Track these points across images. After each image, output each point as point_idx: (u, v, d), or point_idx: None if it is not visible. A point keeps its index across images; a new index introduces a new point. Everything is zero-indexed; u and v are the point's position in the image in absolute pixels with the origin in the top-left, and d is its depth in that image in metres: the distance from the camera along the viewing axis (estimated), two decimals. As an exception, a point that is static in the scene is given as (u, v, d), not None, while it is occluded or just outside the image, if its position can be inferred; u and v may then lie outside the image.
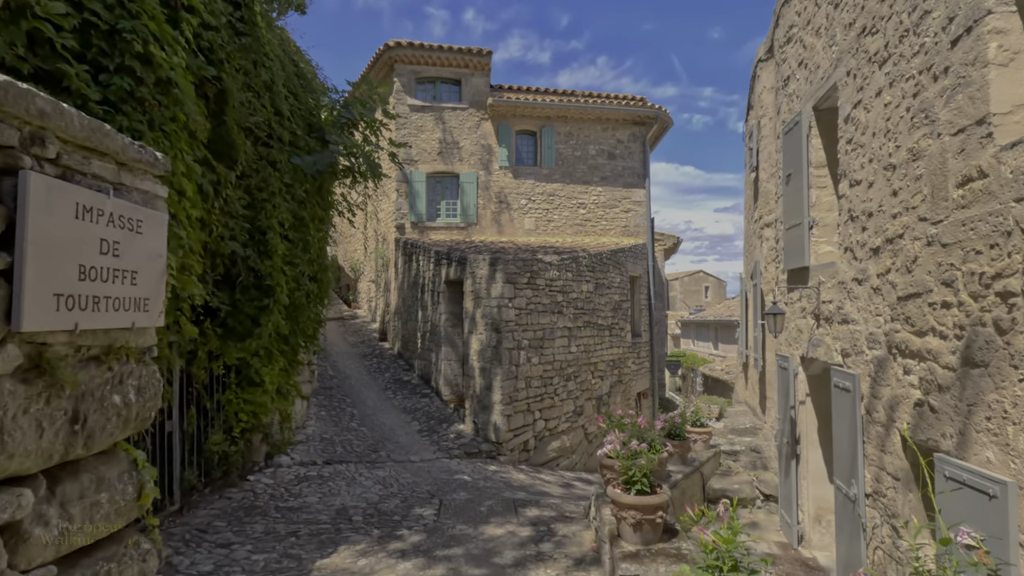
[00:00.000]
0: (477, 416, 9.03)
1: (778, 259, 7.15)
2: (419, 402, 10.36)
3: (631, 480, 3.41)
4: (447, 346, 10.40)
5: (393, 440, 8.59)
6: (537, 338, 9.49)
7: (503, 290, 8.90)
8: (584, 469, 10.82)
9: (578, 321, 10.71)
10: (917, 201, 3.75)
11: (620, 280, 12.92)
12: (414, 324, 12.04)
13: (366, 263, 17.23)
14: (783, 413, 6.43)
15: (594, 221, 15.35)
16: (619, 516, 3.38)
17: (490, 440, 8.76)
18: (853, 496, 4.41)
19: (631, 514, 3.29)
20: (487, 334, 8.97)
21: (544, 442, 9.56)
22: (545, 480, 8.32)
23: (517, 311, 9.09)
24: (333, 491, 6.04)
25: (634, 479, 3.41)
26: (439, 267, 10.75)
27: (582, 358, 10.85)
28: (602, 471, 4.30)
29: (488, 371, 8.89)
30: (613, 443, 3.73)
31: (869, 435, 4.36)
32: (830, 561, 5.79)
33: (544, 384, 9.62)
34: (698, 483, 7.02)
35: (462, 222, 14.47)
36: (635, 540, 3.33)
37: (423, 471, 7.28)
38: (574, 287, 10.61)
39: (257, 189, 5.71)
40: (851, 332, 4.73)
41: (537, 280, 9.53)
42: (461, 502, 5.94)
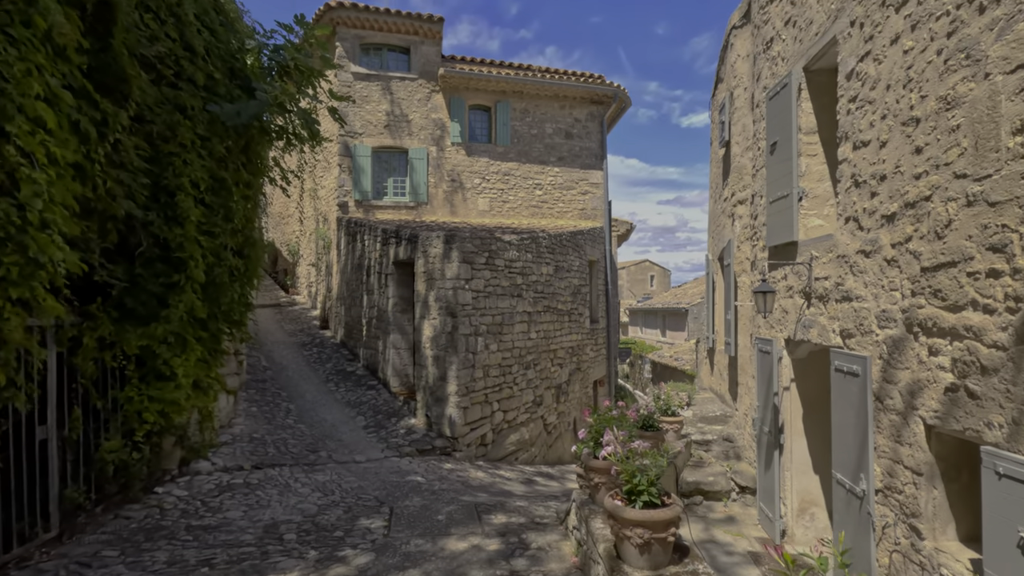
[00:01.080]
0: (430, 409, 8.23)
1: (755, 237, 6.71)
2: (365, 395, 9.43)
3: (636, 490, 2.75)
4: (396, 333, 9.50)
5: (335, 438, 7.66)
6: (496, 323, 8.76)
7: (459, 270, 8.10)
8: (544, 462, 10.23)
9: (538, 305, 10.05)
10: (952, 156, 3.26)
11: (579, 264, 12.37)
12: (359, 310, 11.04)
13: (305, 245, 15.92)
14: (764, 400, 6.01)
15: (551, 203, 14.72)
16: (621, 534, 2.71)
17: (444, 435, 7.98)
18: (860, 492, 3.97)
19: (637, 532, 2.63)
20: (441, 319, 8.16)
21: (503, 435, 8.88)
22: (506, 477, 7.63)
23: (474, 294, 8.32)
24: (262, 502, 5.10)
25: (639, 488, 2.74)
26: (387, 247, 9.80)
27: (542, 345, 10.22)
28: (588, 474, 3.62)
29: (442, 359, 8.09)
30: (612, 444, 3.07)
31: (880, 425, 3.91)
32: (817, 558, 5.40)
33: (503, 373, 8.91)
34: (672, 476, 6.52)
35: (411, 201, 13.49)
36: (641, 563, 2.67)
37: (370, 473, 6.42)
38: (534, 269, 9.93)
39: (162, 139, 4.65)
40: (855, 310, 4.28)
41: (496, 260, 8.78)
42: (415, 509, 5.15)
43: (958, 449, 3.47)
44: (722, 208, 8.83)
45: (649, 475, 2.78)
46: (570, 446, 12.13)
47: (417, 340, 8.60)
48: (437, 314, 8.22)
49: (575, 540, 3.96)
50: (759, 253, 6.58)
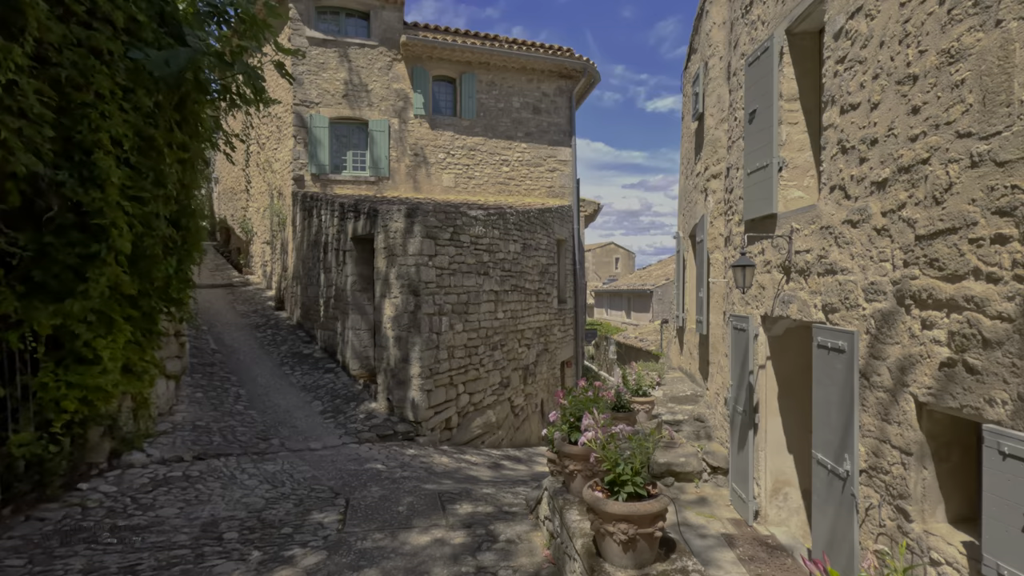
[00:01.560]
0: (392, 392, 7.81)
1: (731, 211, 6.49)
2: (322, 378, 8.92)
3: (619, 480, 2.43)
4: (355, 313, 8.99)
5: (289, 424, 7.17)
6: (461, 302, 8.36)
7: (422, 246, 7.64)
8: (511, 445, 9.97)
9: (505, 284, 9.69)
10: (955, 114, 3.02)
11: (547, 242, 12.04)
12: (316, 289, 10.45)
13: (259, 222, 15.07)
14: (738, 379, 5.84)
15: (518, 180, 14.30)
16: (602, 530, 2.40)
17: (407, 419, 7.59)
18: (844, 473, 3.80)
19: (621, 528, 2.32)
20: (403, 298, 7.70)
21: (468, 419, 8.55)
22: (472, 462, 7.31)
23: (438, 271, 7.88)
24: (202, 497, 4.62)
25: (623, 478, 2.43)
26: (345, 222, 9.23)
27: (509, 325, 9.88)
28: (562, 461, 3.31)
29: (404, 340, 7.66)
30: (592, 429, 2.75)
31: (866, 403, 3.73)
32: (790, 539, 5.30)
33: (469, 354, 8.55)
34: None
35: (372, 176, 12.85)
36: (625, 562, 2.38)
37: (326, 461, 5.99)
38: (501, 246, 9.54)
39: (72, 86, 4.03)
40: (840, 284, 4.08)
41: (461, 236, 8.35)
42: (374, 500, 4.77)
43: (950, 427, 3.30)
44: (694, 184, 8.61)
45: (634, 463, 2.47)
46: (538, 428, 11.93)
47: (378, 320, 8.14)
48: (399, 293, 7.76)
49: (547, 531, 3.66)
50: (734, 228, 6.36)
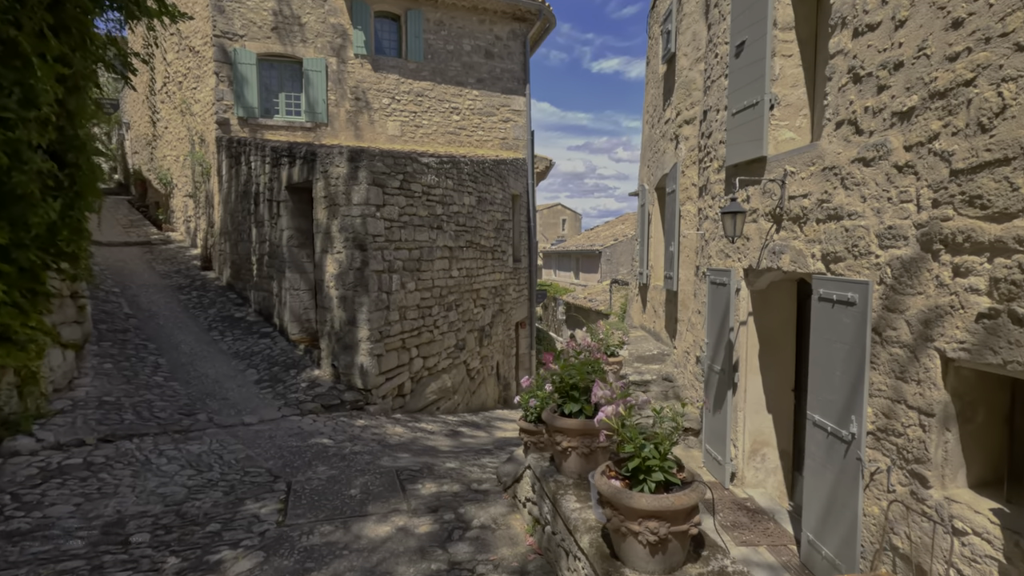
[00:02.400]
0: (337, 358, 7.06)
1: (708, 158, 6.03)
2: (257, 344, 8.02)
3: (645, 466, 1.91)
4: (293, 272, 8.07)
5: (219, 396, 6.32)
6: (413, 259, 7.61)
7: (368, 195, 6.79)
8: (467, 410, 9.48)
9: (460, 240, 8.98)
10: (1015, 23, 2.57)
11: (502, 196, 11.34)
12: (247, 246, 9.37)
13: (180, 173, 13.47)
14: (715, 337, 5.51)
15: (469, 130, 13.38)
16: (623, 528, 1.88)
17: (355, 387, 6.89)
18: (848, 436, 3.50)
19: (650, 526, 1.81)
20: (348, 253, 6.88)
21: (422, 384, 7.94)
22: (428, 431, 6.75)
23: (387, 223, 7.08)
24: (106, 489, 3.83)
25: (649, 463, 1.91)
26: (278, 169, 8.17)
27: (464, 284, 9.23)
28: (552, 436, 2.76)
29: (351, 301, 6.88)
30: (608, 402, 2.21)
31: (877, 360, 3.40)
32: (769, 501, 5.09)
33: (422, 315, 7.87)
34: (613, 422, 5.95)
35: (308, 122, 11.61)
36: (652, 567, 1.88)
37: (263, 438, 5.25)
38: (455, 199, 8.78)
39: None
40: (846, 230, 3.69)
41: (412, 185, 7.53)
42: (321, 483, 4.12)
43: (978, 385, 2.99)
44: (662, 132, 8.10)
45: (663, 445, 1.95)
46: (494, 391, 11.49)
47: (319, 279, 7.28)
48: (342, 248, 6.92)
49: (530, 516, 3.15)
50: (712, 176, 5.90)
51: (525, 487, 3.25)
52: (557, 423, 2.68)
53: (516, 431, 7.99)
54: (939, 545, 2.94)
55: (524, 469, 3.26)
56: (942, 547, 2.92)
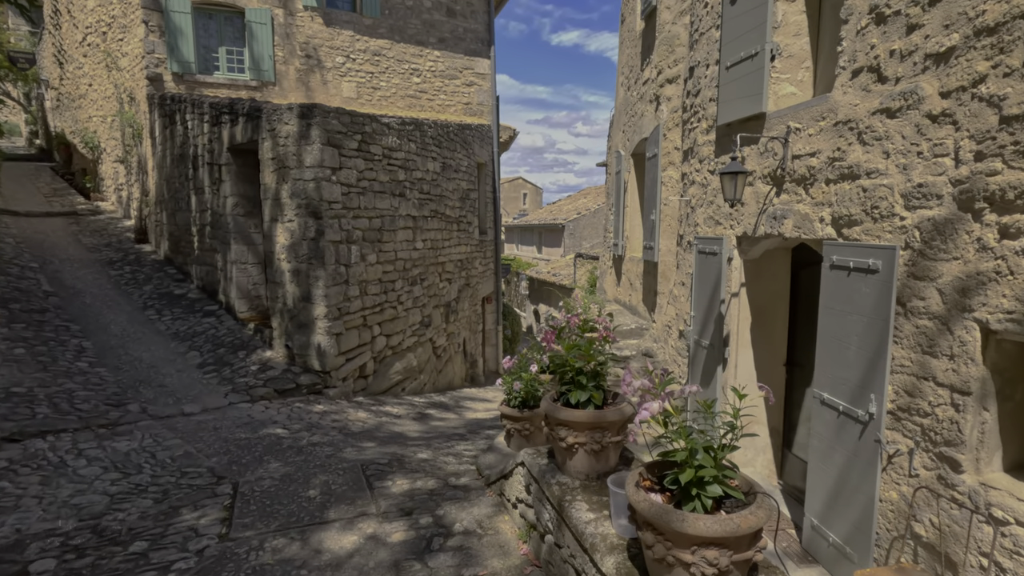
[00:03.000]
0: (291, 338, 6.41)
1: (695, 118, 5.62)
2: (200, 324, 7.26)
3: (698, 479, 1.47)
4: (240, 243, 7.29)
5: (155, 383, 5.61)
6: (374, 228, 6.97)
7: (322, 156, 6.08)
8: (433, 389, 9.00)
9: (424, 209, 8.35)
10: (1095, -62, 2.20)
11: (468, 164, 10.70)
12: (186, 216, 8.47)
13: (108, 136, 12.17)
14: (704, 309, 5.18)
15: (431, 94, 12.58)
16: (670, 558, 1.45)
17: (312, 369, 6.28)
18: (864, 416, 3.21)
19: (708, 556, 1.39)
20: (301, 222, 6.18)
21: (386, 364, 7.38)
22: (394, 415, 6.24)
23: (345, 189, 6.40)
24: (5, 502, 3.17)
25: (703, 475, 1.47)
26: (219, 128, 7.30)
27: (429, 256, 8.64)
28: (553, 430, 2.31)
29: (305, 274, 6.21)
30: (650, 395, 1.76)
31: (901, 333, 3.10)
32: (761, 481, 4.85)
33: (384, 290, 7.27)
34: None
35: (253, 79, 10.58)
36: (703, 603, 1.46)
37: (206, 430, 4.63)
38: (419, 164, 8.12)
39: None
40: (864, 190, 3.34)
41: (371, 147, 6.83)
42: (274, 483, 3.57)
43: (1020, 360, 2.70)
44: (640, 94, 7.64)
45: (719, 452, 1.52)
46: (461, 369, 11.02)
47: (269, 251, 6.56)
48: (295, 216, 6.22)
49: (522, 520, 2.71)
50: (700, 137, 5.49)
51: (516, 486, 2.80)
52: (560, 415, 2.22)
53: (487, 412, 7.57)
54: (973, 535, 2.68)
55: (514, 465, 2.81)
56: (976, 537, 2.66)
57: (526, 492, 2.63)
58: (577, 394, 2.23)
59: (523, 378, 3.66)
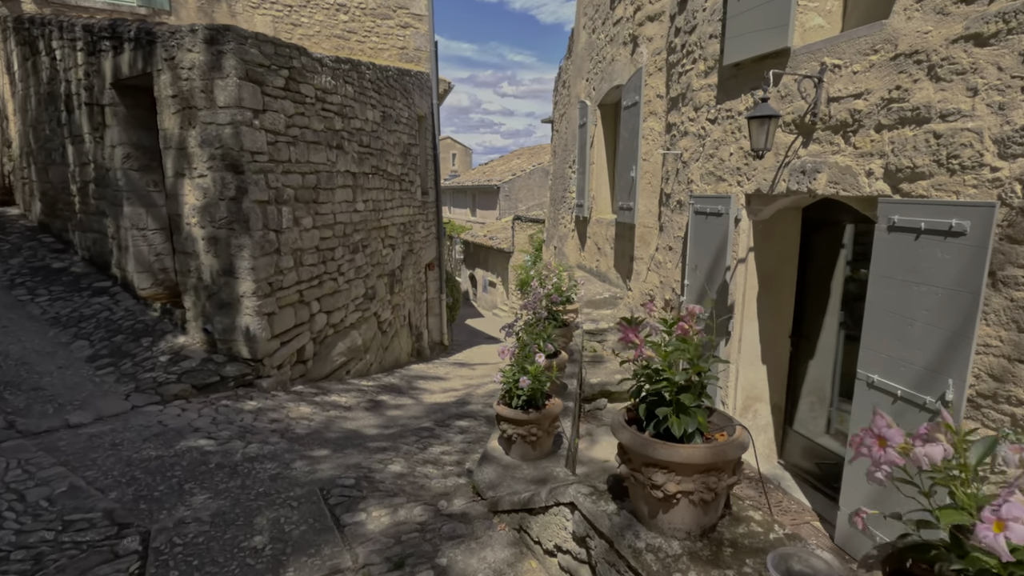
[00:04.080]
0: (211, 320, 5.27)
1: (689, 59, 4.93)
2: (89, 304, 5.90)
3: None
4: (135, 204, 5.92)
5: (28, 385, 4.37)
6: (308, 186, 5.84)
7: (241, 94, 4.87)
8: (380, 369, 8.08)
9: (364, 165, 7.24)
10: None
11: (408, 115, 9.55)
12: (62, 171, 6.85)
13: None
14: (704, 277, 4.63)
15: (361, 35, 11.13)
16: None
17: (240, 357, 5.21)
18: (932, 403, 2.76)
19: None
20: (217, 177, 4.98)
21: (327, 345, 6.39)
22: (343, 405, 5.33)
23: (271, 137, 5.22)
24: None
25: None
26: (98, 58, 5.78)
27: (371, 220, 7.58)
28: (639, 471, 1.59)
29: (225, 243, 5.06)
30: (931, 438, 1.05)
31: (989, 307, 2.63)
32: (770, 465, 4.45)
33: (323, 259, 6.20)
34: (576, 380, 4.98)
35: (142, 5, 8.75)
36: None
37: (101, 448, 3.55)
38: (357, 111, 6.95)
39: None
40: (936, 136, 2.81)
41: (302, 87, 5.64)
42: (202, 528, 2.65)
43: None
44: (610, 36, 6.84)
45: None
46: (407, 344, 10.10)
47: (175, 213, 5.30)
48: (207, 170, 5.00)
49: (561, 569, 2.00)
50: (696, 80, 4.82)
51: (554, 528, 2.08)
52: (659, 453, 1.50)
53: (445, 394, 6.80)
54: (1085, 544, 2.30)
55: (552, 502, 2.08)
56: (1089, 547, 2.28)
57: (577, 544, 1.91)
58: (681, 422, 1.51)
59: (529, 371, 2.92)
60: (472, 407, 5.74)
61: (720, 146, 4.49)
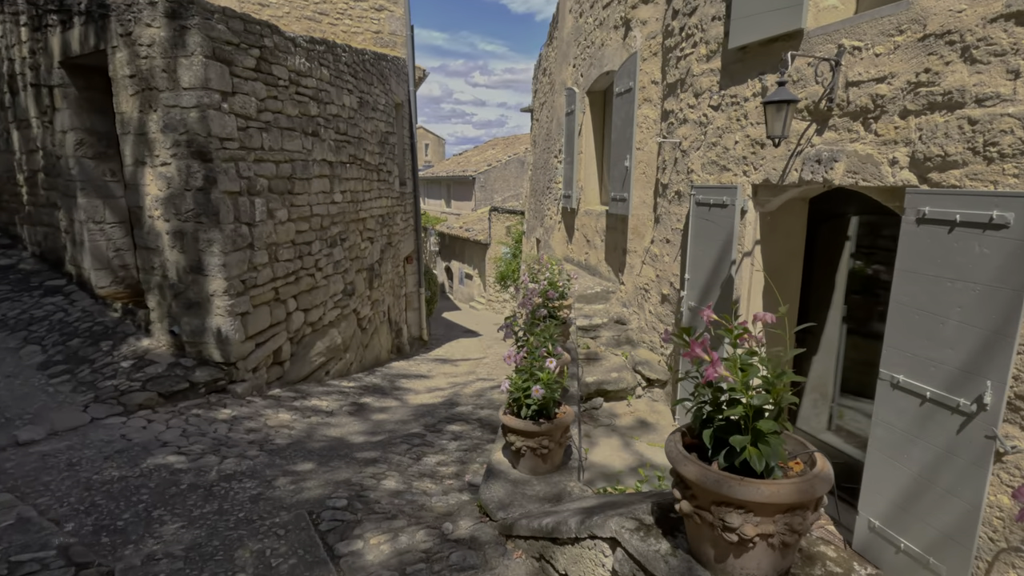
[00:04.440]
0: (178, 321, 4.86)
1: (689, 43, 4.71)
2: (40, 305, 5.41)
3: None
4: (91, 195, 5.43)
5: (-30, 398, 3.92)
6: (283, 176, 5.45)
7: (207, 74, 4.45)
8: (361, 368, 7.75)
9: (342, 154, 6.84)
10: None
11: (386, 102, 9.14)
12: (7, 159, 6.28)
13: None
14: (703, 272, 4.43)
15: (334, 17, 10.62)
16: None
17: (211, 361, 4.83)
18: (969, 406, 2.61)
19: None
20: (182, 165, 4.56)
21: (305, 345, 6.03)
22: (324, 410, 5.01)
23: (242, 122, 4.82)
24: None
25: None
26: (44, 33, 5.25)
27: (350, 212, 7.20)
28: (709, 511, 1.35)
29: (193, 237, 4.65)
30: None
31: (1029, 304, 2.49)
32: (774, 464, 4.30)
33: (299, 254, 5.83)
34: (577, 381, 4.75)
35: (95, -20, 8.08)
36: None
37: (55, 470, 3.17)
38: (334, 96, 6.55)
39: None
40: (971, 122, 2.63)
41: (274, 68, 5.23)
42: (174, 565, 2.33)
43: None
44: (599, 19, 6.57)
45: None
46: (387, 341, 9.74)
47: (135, 205, 4.85)
48: (171, 157, 4.57)
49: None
50: (697, 65, 4.60)
51: (588, 565, 1.84)
52: (737, 491, 1.27)
53: (431, 394, 6.51)
54: None
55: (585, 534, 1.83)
56: None
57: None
58: (762, 454, 1.28)
59: (541, 379, 2.67)
60: (461, 408, 5.47)
61: (724, 134, 4.29)
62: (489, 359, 10.55)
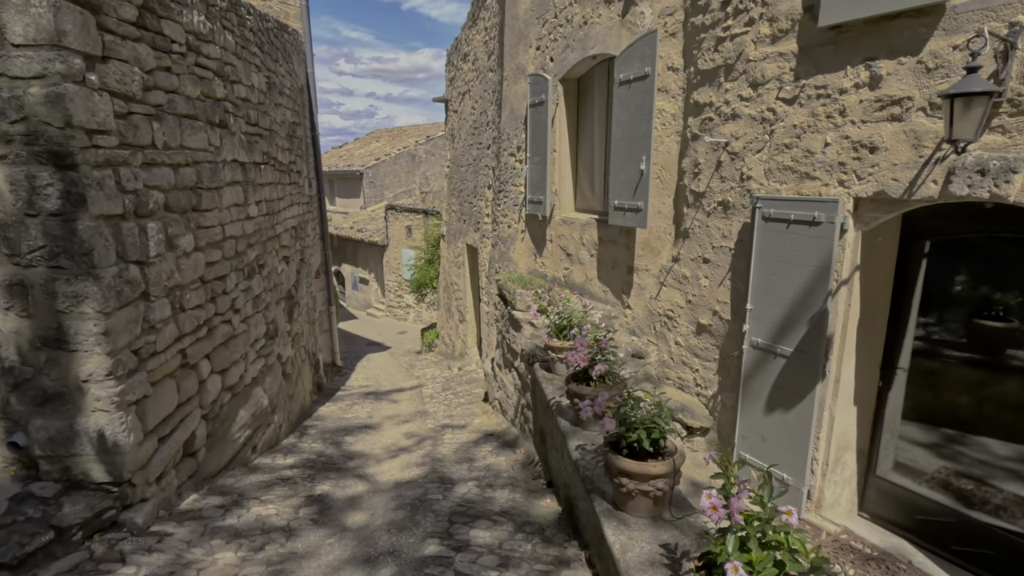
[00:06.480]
0: (25, 424, 3.02)
1: (740, 21, 3.83)
2: None
3: None
4: None
5: None
6: (186, 185, 3.72)
7: (59, 22, 2.68)
8: (289, 427, 6.05)
9: (255, 152, 5.12)
10: None
11: (291, 85, 7.36)
12: None
13: None
14: (778, 303, 3.61)
15: (208, -25, 8.39)
16: None
17: (90, 482, 3.06)
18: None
19: None
20: (18, 175, 2.74)
21: (225, 420, 4.33)
22: (275, 526, 3.50)
23: (121, 104, 3.07)
24: None
25: None
26: None
27: (266, 227, 5.48)
28: None
29: (48, 291, 2.85)
30: None
31: None
32: (881, 536, 3.59)
33: (211, 296, 4.12)
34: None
35: None
36: None
37: None
38: (242, 74, 4.81)
39: None
40: None
41: (165, 26, 3.49)
42: None
43: None
44: (579, -7, 5.50)
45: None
46: (310, 381, 7.93)
47: (-72, 239, 2.89)
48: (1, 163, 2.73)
49: None
50: (753, 49, 3.74)
51: None
52: None
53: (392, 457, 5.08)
54: None
55: None
56: None
57: None
58: None
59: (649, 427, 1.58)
60: (461, 489, 4.20)
61: (805, 134, 3.48)
62: (429, 387, 9.18)
